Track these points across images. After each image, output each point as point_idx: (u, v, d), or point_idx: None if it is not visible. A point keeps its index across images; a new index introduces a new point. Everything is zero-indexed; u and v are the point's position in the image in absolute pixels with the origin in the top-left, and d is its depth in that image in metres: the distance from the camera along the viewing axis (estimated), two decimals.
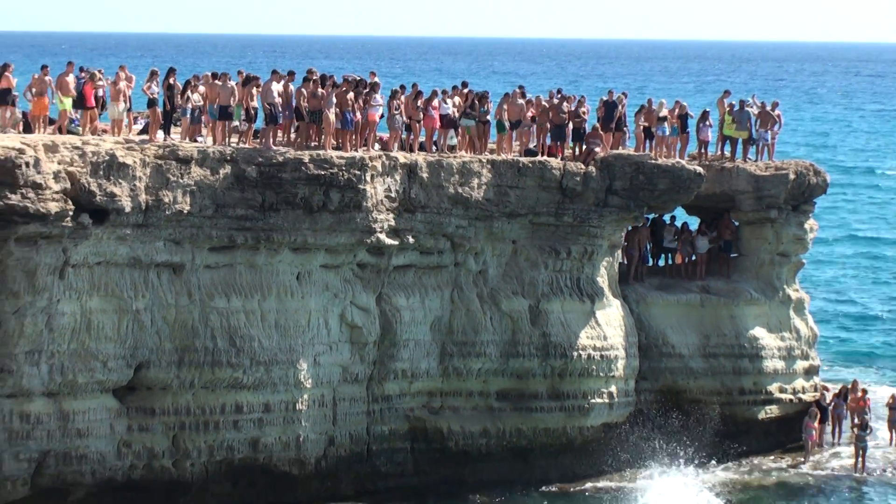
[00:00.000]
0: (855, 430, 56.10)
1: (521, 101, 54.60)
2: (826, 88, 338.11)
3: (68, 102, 47.94)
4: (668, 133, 56.13)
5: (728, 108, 58.21)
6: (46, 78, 48.10)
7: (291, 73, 50.65)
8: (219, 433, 47.58)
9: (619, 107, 56.41)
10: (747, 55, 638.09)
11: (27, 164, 42.53)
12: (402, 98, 52.07)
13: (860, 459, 55.35)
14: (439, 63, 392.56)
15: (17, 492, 44.61)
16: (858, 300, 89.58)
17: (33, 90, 47.62)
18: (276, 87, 49.37)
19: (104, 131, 48.45)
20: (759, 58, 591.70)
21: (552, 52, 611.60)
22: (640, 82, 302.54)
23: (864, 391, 58.20)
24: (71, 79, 48.33)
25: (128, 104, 48.91)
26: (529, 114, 54.63)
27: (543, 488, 51.94)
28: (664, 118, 56.24)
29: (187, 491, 47.49)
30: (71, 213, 43.44)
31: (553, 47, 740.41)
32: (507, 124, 54.04)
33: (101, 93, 49.43)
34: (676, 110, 57.62)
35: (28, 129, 47.35)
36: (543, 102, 55.15)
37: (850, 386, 59.28)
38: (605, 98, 56.68)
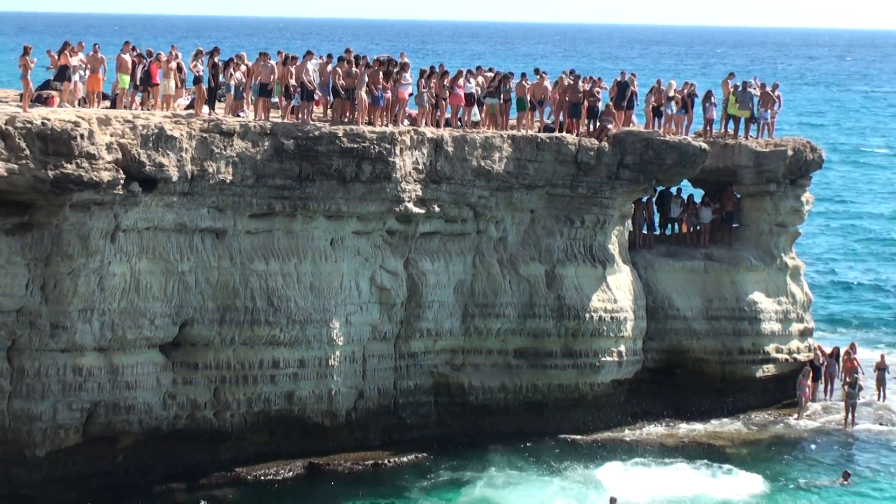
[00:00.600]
0: (845, 387, 56.21)
1: (546, 83, 54.77)
2: (820, 72, 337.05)
3: (125, 80, 48.02)
4: (674, 111, 56.08)
5: (732, 89, 58.22)
6: (99, 56, 48.17)
7: (329, 56, 50.68)
8: (257, 386, 47.66)
9: (631, 87, 56.45)
10: (749, 40, 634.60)
11: (82, 136, 42.58)
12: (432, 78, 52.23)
13: (850, 415, 55.47)
14: (462, 45, 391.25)
15: (70, 439, 44.78)
16: (839, 270, 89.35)
17: (87, 67, 47.70)
18: (312, 66, 49.49)
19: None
20: (759, 42, 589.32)
21: (567, 36, 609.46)
22: (651, 64, 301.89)
23: (851, 352, 58.14)
24: (128, 57, 48.40)
25: (178, 82, 48.94)
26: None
27: (556, 440, 51.98)
28: (672, 97, 56.28)
29: (227, 440, 47.61)
30: (122, 181, 43.46)
31: (568, 31, 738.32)
32: (527, 102, 54.07)
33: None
34: (685, 90, 57.70)
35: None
36: (566, 82, 55.12)
37: (843, 347, 59.36)
38: (617, 79, 56.86)
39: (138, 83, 48.06)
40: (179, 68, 49.26)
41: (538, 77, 55.30)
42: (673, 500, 46.20)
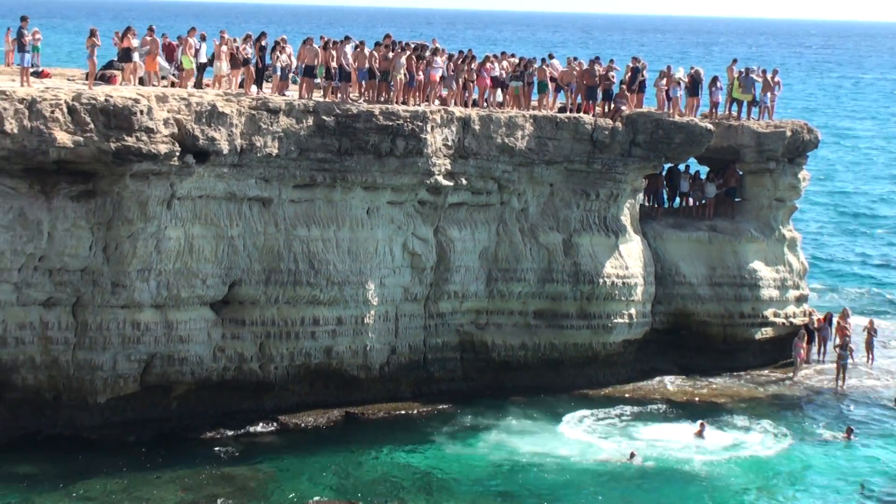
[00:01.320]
0: (837, 350, 56.15)
1: (576, 69, 54.98)
2: (812, 59, 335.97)
3: (186, 61, 48.16)
4: (679, 95, 56.13)
5: (737, 75, 58.18)
6: (157, 39, 48.30)
7: (363, 42, 50.73)
8: (298, 342, 47.81)
9: (642, 72, 56.47)
10: (752, 30, 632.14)
11: (141, 112, 42.75)
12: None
13: (841, 374, 55.35)
14: (487, 32, 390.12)
15: (128, 387, 45.04)
16: (831, 245, 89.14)
17: (145, 49, 47.82)
18: (351, 50, 49.56)
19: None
20: (760, 32, 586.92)
21: (581, 25, 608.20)
22: (657, 51, 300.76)
23: (843, 317, 58.19)
24: (193, 41, 48.60)
25: (229, 62, 48.99)
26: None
27: (570, 394, 52.07)
28: (679, 81, 56.28)
29: (270, 390, 47.76)
30: (177, 153, 43.63)
31: (582, 20, 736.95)
32: (548, 85, 54.14)
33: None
34: (692, 74, 57.72)
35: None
36: (585, 67, 55.16)
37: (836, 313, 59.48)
38: (630, 64, 56.81)
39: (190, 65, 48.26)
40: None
41: (568, 63, 55.81)
42: (679, 452, 46.20)
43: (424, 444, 46.37)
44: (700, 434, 47.50)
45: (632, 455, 44.75)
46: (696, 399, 52.80)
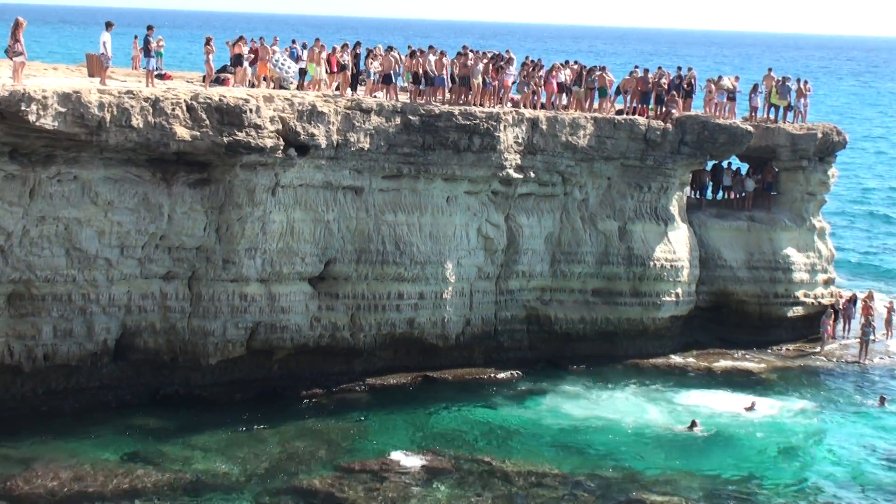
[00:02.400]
0: (861, 327, 55.74)
1: (639, 76, 54.88)
2: (842, 73, 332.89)
3: (312, 67, 48.29)
4: (724, 99, 55.81)
5: (774, 83, 57.75)
6: (266, 47, 48.39)
7: (443, 52, 50.64)
8: (385, 313, 47.73)
9: (690, 79, 56.07)
10: (790, 44, 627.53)
11: (251, 111, 42.81)
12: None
13: (864, 349, 54.88)
14: (553, 45, 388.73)
15: (236, 351, 45.22)
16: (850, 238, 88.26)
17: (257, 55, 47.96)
18: (434, 58, 49.45)
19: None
20: (795, 46, 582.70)
21: (636, 39, 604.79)
22: (707, 62, 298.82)
23: (868, 298, 57.90)
24: (317, 50, 48.64)
25: (326, 68, 48.95)
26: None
27: (623, 363, 51.83)
28: (726, 88, 55.98)
29: (359, 355, 47.71)
30: (281, 147, 43.68)
31: (637, 35, 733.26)
32: (608, 90, 53.91)
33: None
34: (733, 82, 57.45)
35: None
36: (641, 75, 55.01)
37: (861, 294, 59.22)
38: (680, 73, 56.45)
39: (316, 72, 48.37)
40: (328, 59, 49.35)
41: (633, 71, 55.72)
42: (721, 418, 45.89)
43: (492, 405, 46.25)
44: (751, 408, 46.94)
45: (692, 424, 44.30)
46: (735, 369, 52.38)
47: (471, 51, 52.04)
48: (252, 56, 47.83)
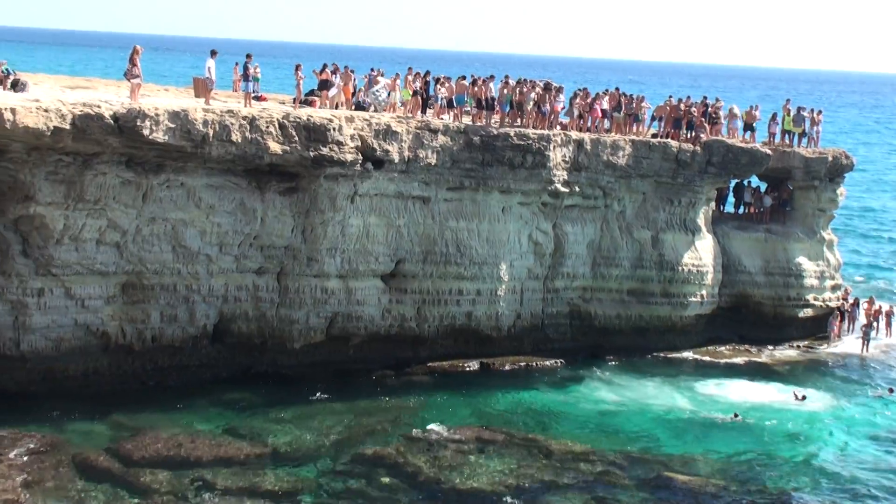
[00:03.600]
0: (863, 327, 55.44)
1: (672, 104, 54.96)
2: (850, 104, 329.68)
3: (406, 93, 48.44)
4: (738, 125, 56.53)
5: (791, 112, 57.42)
6: (350, 73, 48.37)
7: (507, 77, 50.63)
8: (446, 307, 47.59)
9: (717, 109, 55.77)
10: (804, 78, 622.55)
11: (334, 129, 42.77)
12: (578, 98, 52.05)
13: (865, 345, 54.52)
14: (594, 76, 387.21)
15: (317, 337, 45.22)
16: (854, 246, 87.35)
17: (341, 81, 47.98)
18: (493, 86, 49.33)
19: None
20: (812, 81, 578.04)
21: (669, 72, 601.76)
22: (730, 93, 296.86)
23: (871, 302, 57.69)
24: (411, 78, 49.09)
25: (398, 94, 48.94)
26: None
27: (653, 355, 51.48)
28: (735, 115, 56.55)
29: (424, 343, 47.56)
30: (360, 161, 43.63)
31: (670, 68, 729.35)
32: (642, 117, 53.66)
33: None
34: (754, 112, 57.36)
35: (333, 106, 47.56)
36: (675, 103, 54.95)
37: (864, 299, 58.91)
38: (706, 102, 56.07)
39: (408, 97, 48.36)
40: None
41: (667, 100, 55.90)
42: (742, 404, 45.57)
43: (538, 389, 46.00)
44: (802, 399, 46.50)
45: (735, 415, 43.68)
46: (751, 362, 52.02)
47: (526, 80, 52.01)
48: (339, 82, 47.86)
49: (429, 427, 40.35)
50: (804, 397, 46.61)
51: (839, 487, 37.84)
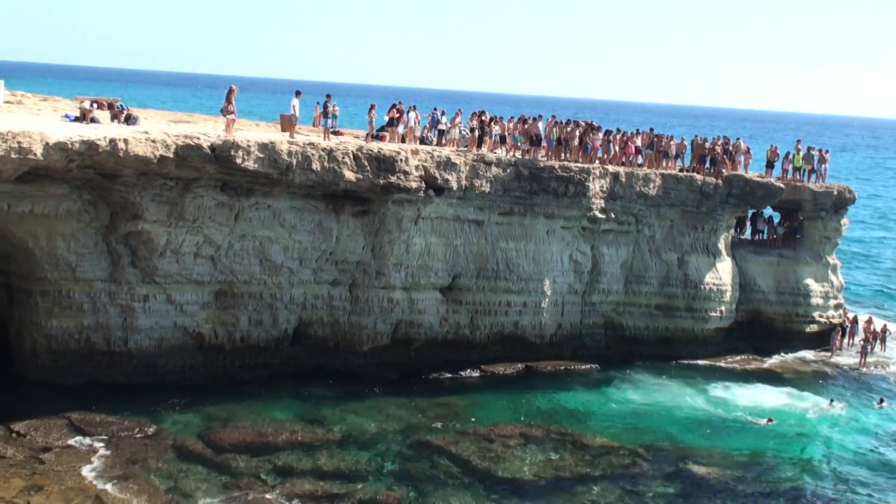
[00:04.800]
0: (861, 342, 54.77)
1: (685, 142, 54.58)
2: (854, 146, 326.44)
3: (456, 132, 48.80)
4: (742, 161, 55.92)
5: (801, 151, 56.99)
6: (412, 114, 48.42)
7: (553, 116, 50.58)
8: (496, 317, 47.37)
9: (737, 147, 55.52)
10: (811, 122, 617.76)
11: (401, 160, 42.78)
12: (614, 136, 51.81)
13: (863, 359, 53.68)
14: (625, 116, 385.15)
15: (383, 341, 45.14)
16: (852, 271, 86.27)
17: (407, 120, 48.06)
18: (541, 125, 49.22)
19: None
20: (817, 124, 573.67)
21: (690, 114, 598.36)
22: (746, 133, 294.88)
23: (871, 320, 57.00)
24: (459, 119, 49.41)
25: (460, 131, 49.02)
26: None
27: (678, 362, 50.94)
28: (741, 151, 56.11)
29: (476, 348, 47.31)
30: (423, 188, 43.62)
31: (691, 111, 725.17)
32: (671, 154, 53.28)
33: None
34: (774, 150, 57.05)
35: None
36: (699, 141, 54.73)
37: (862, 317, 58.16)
38: (727, 141, 55.79)
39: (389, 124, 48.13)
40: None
41: (682, 139, 55.23)
42: (757, 405, 45.24)
43: (575, 390, 45.66)
44: (831, 404, 46.14)
45: (769, 420, 43.10)
46: (763, 370, 51.42)
47: (570, 120, 51.95)
48: (400, 118, 47.86)
49: (478, 421, 40.22)
50: (833, 401, 46.32)
51: (839, 481, 37.59)
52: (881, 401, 47.83)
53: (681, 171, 52.94)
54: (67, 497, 30.67)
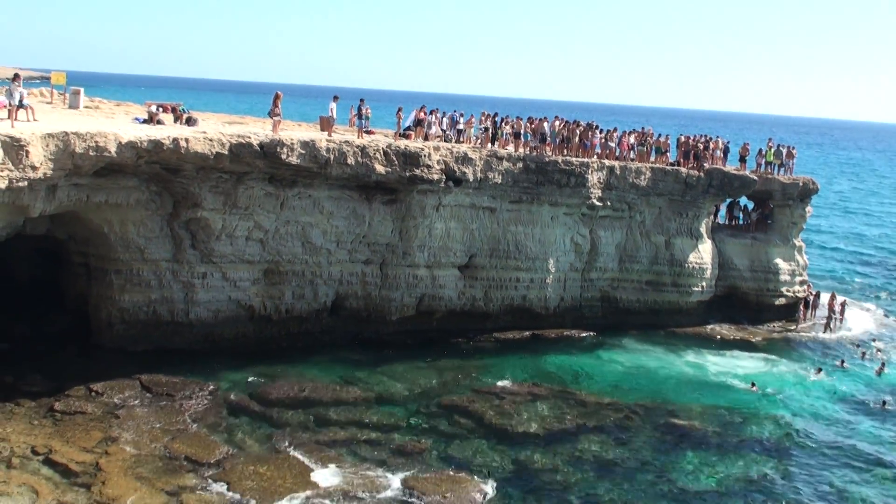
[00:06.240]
0: (827, 315, 54.64)
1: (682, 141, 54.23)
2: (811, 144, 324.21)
3: (471, 131, 48.57)
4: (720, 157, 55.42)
5: (772, 148, 56.57)
6: (437, 114, 48.20)
7: (556, 117, 50.28)
8: (507, 291, 47.17)
9: (719, 145, 55.16)
10: (784, 123, 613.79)
11: (425, 156, 42.56)
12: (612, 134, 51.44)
13: (827, 328, 53.74)
14: (621, 117, 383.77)
15: (409, 312, 44.94)
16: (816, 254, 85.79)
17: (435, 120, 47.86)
18: (547, 125, 48.92)
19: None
20: (787, 125, 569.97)
21: (675, 115, 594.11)
22: (726, 133, 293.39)
23: (834, 295, 56.50)
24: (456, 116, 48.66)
25: (472, 131, 48.79)
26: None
27: (665, 330, 50.62)
28: (727, 151, 55.80)
29: (489, 318, 47.08)
30: (444, 180, 43.40)
31: (675, 112, 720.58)
32: (662, 149, 52.90)
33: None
34: (747, 147, 56.54)
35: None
36: (683, 139, 54.30)
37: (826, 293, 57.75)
38: (707, 139, 55.41)
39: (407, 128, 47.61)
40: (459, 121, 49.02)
41: (666, 137, 54.70)
42: (734, 368, 45.11)
43: (577, 354, 45.49)
44: (818, 373, 45.68)
45: (752, 384, 42.66)
46: (739, 338, 50.98)
47: (571, 121, 51.68)
48: (424, 119, 47.63)
49: (492, 382, 40.20)
50: (819, 370, 46.01)
51: (795, 431, 37.75)
52: (842, 362, 47.70)
53: (669, 164, 52.64)
54: (139, 446, 30.80)
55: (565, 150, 49.19)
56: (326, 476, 30.01)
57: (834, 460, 35.10)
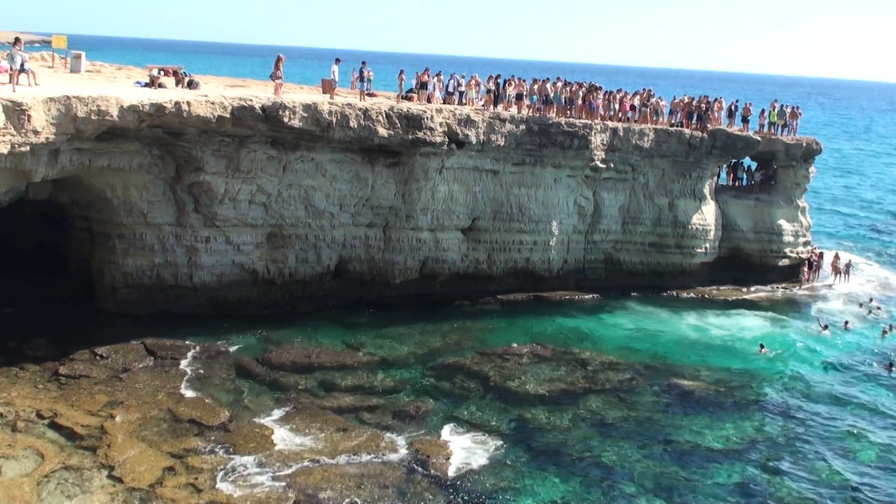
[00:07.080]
0: (831, 274, 54.66)
1: (685, 101, 53.84)
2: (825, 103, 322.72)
3: (472, 94, 47.86)
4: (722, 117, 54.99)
5: (776, 108, 56.25)
6: (436, 78, 47.92)
7: (559, 78, 50.00)
8: (510, 253, 47.13)
9: (720, 105, 54.90)
10: (789, 83, 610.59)
11: (427, 118, 42.32)
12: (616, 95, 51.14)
13: (834, 283, 54.03)
14: (624, 79, 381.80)
15: (412, 275, 44.86)
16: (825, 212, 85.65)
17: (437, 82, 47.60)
18: (549, 86, 48.65)
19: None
20: (792, 84, 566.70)
21: (679, 76, 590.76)
22: (729, 93, 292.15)
23: (837, 255, 56.54)
24: (459, 78, 48.00)
25: (472, 92, 48.52)
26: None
27: (668, 293, 50.67)
28: (732, 111, 55.16)
29: (493, 281, 47.08)
30: (446, 142, 43.22)
31: (679, 74, 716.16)
32: (667, 110, 52.74)
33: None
34: (748, 107, 56.16)
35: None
36: (687, 100, 53.88)
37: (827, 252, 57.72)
38: (708, 100, 55.08)
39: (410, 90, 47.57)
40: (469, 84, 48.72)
41: (682, 98, 54.77)
42: (737, 329, 45.18)
43: (578, 316, 45.51)
44: (825, 329, 45.96)
45: (761, 347, 42.56)
46: (742, 299, 51.13)
47: (574, 82, 51.36)
48: (430, 81, 47.42)
49: (496, 343, 40.26)
50: (826, 326, 46.17)
51: (799, 390, 37.93)
52: (846, 323, 47.70)
53: (671, 125, 52.40)
54: (143, 410, 30.89)
55: (568, 112, 48.97)
56: (332, 439, 30.13)
57: (840, 419, 35.15)
